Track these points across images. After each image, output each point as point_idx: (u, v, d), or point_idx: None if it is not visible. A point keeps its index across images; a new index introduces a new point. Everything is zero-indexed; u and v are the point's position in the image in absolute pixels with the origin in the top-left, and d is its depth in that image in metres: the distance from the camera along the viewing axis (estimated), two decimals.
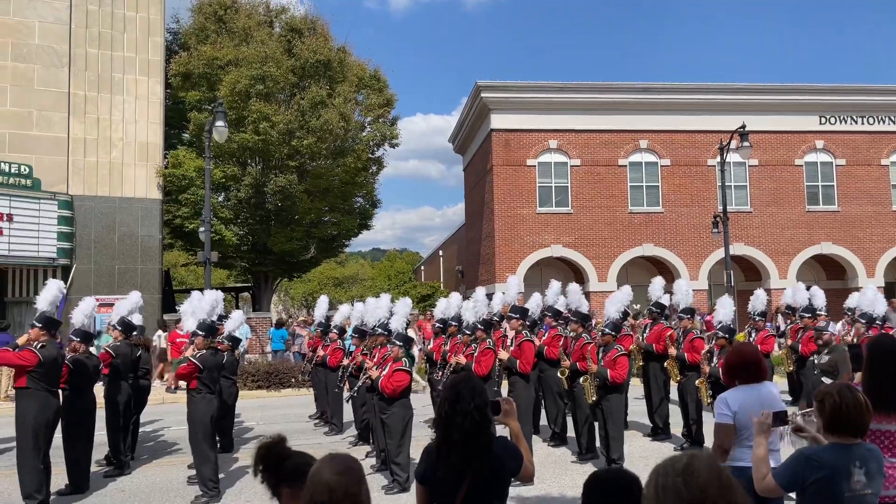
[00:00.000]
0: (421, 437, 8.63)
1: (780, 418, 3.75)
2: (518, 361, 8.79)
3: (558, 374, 9.47)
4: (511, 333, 9.42)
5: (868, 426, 3.30)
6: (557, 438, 10.17)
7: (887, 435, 4.08)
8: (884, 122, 25.62)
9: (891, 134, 25.57)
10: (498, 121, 24.93)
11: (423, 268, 53.20)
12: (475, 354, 9.12)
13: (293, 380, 16.64)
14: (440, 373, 10.23)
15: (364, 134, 25.89)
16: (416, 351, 19.07)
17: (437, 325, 11.49)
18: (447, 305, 11.40)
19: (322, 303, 13.00)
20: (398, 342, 7.79)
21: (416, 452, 7.50)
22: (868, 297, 10.85)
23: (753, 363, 4.41)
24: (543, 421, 10.79)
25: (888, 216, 25.35)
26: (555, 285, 11.52)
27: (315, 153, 22.98)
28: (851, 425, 3.25)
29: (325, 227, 25.82)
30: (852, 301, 12.34)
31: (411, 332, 20.08)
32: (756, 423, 3.68)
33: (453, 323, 10.90)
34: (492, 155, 25.00)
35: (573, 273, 25.84)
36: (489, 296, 11.01)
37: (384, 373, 7.76)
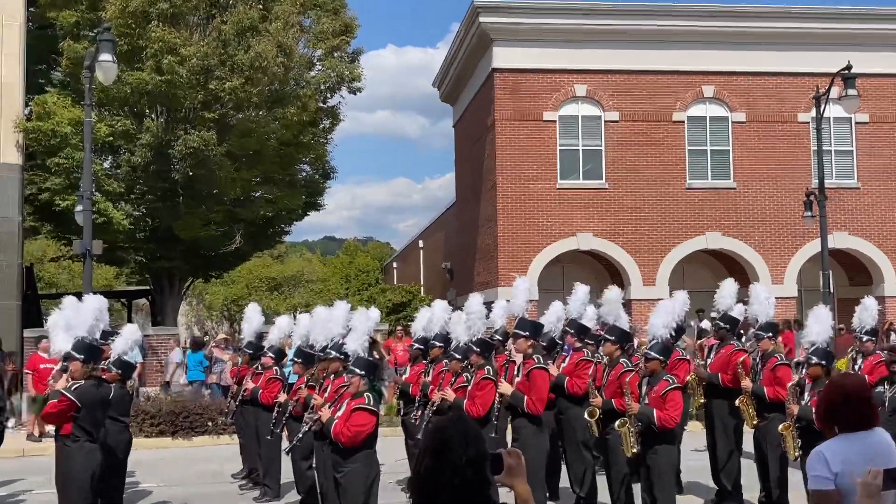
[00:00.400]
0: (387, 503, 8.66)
1: (893, 477, 3.79)
2: (526, 398, 8.83)
3: (585, 416, 9.54)
4: (518, 358, 9.46)
5: None
6: None
7: None
8: None
9: None
10: (502, 57, 24.96)
11: (395, 265, 53.33)
12: (468, 388, 9.17)
13: (210, 423, 16.60)
14: (419, 413, 10.24)
15: (313, 74, 25.83)
16: (385, 384, 19.19)
17: (416, 346, 11.52)
18: (429, 319, 11.41)
19: (252, 314, 12.98)
20: (358, 370, 7.82)
21: None
22: None
23: (860, 402, 4.43)
24: (564, 481, 10.86)
25: None
26: (581, 290, 11.57)
27: (242, 101, 22.92)
28: None
29: (257, 206, 25.79)
30: None
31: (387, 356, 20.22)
32: (861, 484, 3.71)
33: (437, 343, 10.94)
34: (494, 105, 25.04)
35: (608, 274, 25.96)
36: (488, 305, 11.04)
37: (339, 413, 7.78)
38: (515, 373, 9.31)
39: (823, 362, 8.42)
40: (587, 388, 9.84)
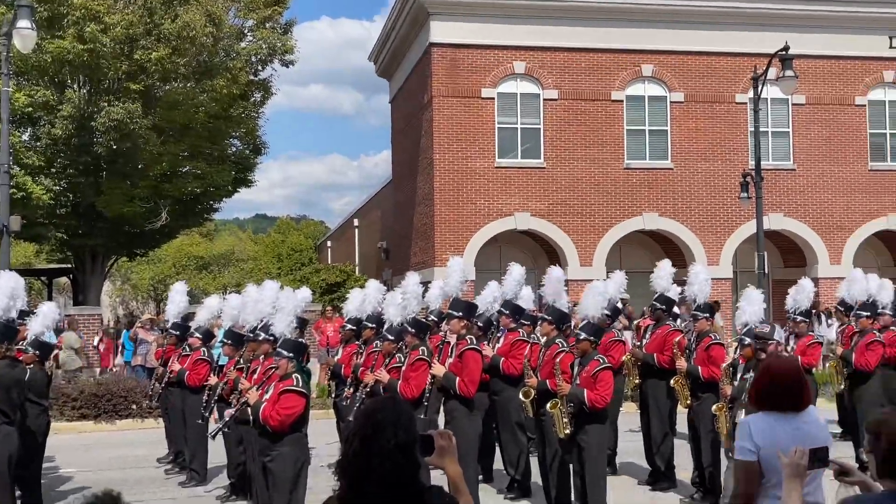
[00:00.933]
0: (321, 489, 8.62)
1: (820, 458, 3.90)
2: (458, 379, 8.88)
3: (520, 397, 9.62)
4: (452, 339, 9.50)
5: None
6: (517, 488, 10.36)
7: None
8: None
9: None
10: (441, 31, 24.90)
11: (330, 244, 53.06)
12: (402, 369, 9.18)
13: (134, 406, 16.44)
14: (349, 393, 10.25)
15: (243, 45, 25.49)
16: (317, 364, 19.12)
17: (348, 327, 11.51)
18: (362, 299, 11.41)
19: (177, 294, 12.82)
20: (286, 352, 7.77)
21: None
22: None
23: (790, 384, 4.56)
24: (498, 463, 10.96)
25: None
26: (516, 271, 11.66)
27: (169, 72, 22.53)
28: None
29: (184, 181, 25.42)
30: None
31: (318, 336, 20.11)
32: (787, 464, 3.82)
33: (370, 325, 10.94)
34: (431, 81, 24.98)
35: (545, 254, 26.19)
36: (425, 285, 11.06)
37: (267, 396, 7.73)
38: (449, 354, 9.35)
39: (757, 344, 8.61)
40: (522, 369, 9.93)
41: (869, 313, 12.26)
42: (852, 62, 26.27)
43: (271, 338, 8.82)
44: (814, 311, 14.02)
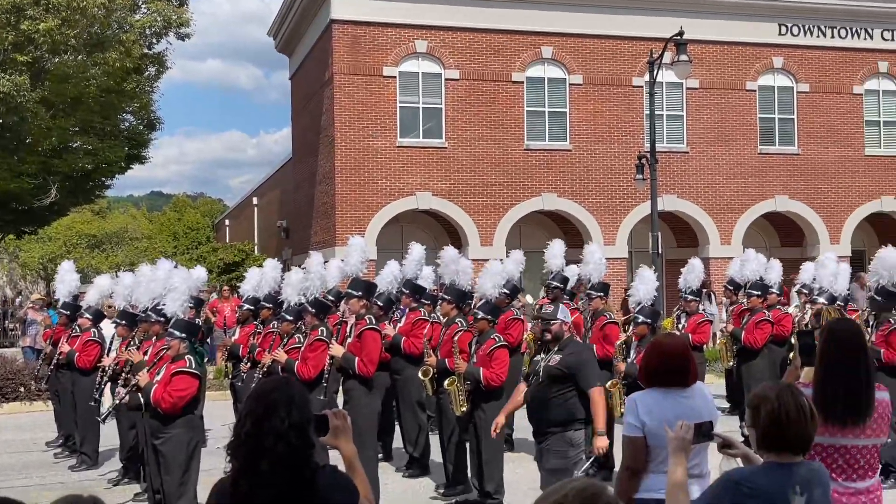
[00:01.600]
0: (217, 471, 8.52)
1: (704, 432, 4.02)
2: (357, 359, 8.86)
3: (419, 376, 9.67)
4: (351, 319, 9.46)
5: (812, 440, 3.62)
6: (416, 466, 10.42)
7: (841, 451, 4.50)
8: (858, 35, 27.81)
9: (866, 52, 27.83)
10: (342, 7, 24.62)
11: (228, 223, 52.19)
12: (301, 349, 9.12)
13: (22, 388, 16.07)
14: (247, 375, 10.13)
15: (137, 18, 24.75)
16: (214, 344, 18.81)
17: (245, 307, 11.36)
18: (260, 279, 11.27)
19: (66, 273, 12.42)
20: (178, 332, 7.63)
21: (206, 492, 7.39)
22: (828, 269, 11.83)
23: (676, 362, 4.71)
24: (398, 442, 11.00)
25: (859, 163, 27.73)
26: (416, 250, 11.69)
27: (58, 44, 21.74)
28: (792, 439, 3.54)
29: (75, 157, 24.67)
30: (807, 274, 13.40)
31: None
32: (672, 438, 3.92)
33: (267, 305, 10.82)
34: (332, 59, 24.71)
35: (447, 234, 26.29)
36: (325, 265, 10.98)
37: (158, 378, 7.58)
38: (348, 333, 9.32)
39: (649, 321, 8.84)
40: (423, 349, 9.96)
41: (759, 292, 12.71)
42: (743, 48, 27.05)
43: (162, 318, 8.64)
44: (704, 290, 14.44)
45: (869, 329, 10.14)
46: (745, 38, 26.91)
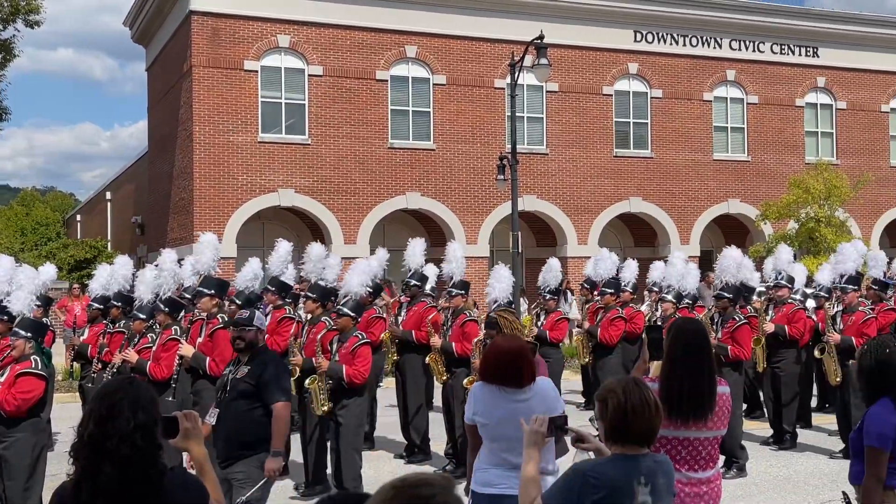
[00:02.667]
0: (63, 475, 8.20)
1: (558, 426, 4.13)
2: (209, 359, 8.70)
3: None
4: (203, 317, 9.28)
5: (657, 432, 3.77)
6: None
7: (684, 444, 4.71)
8: (708, 44, 29.09)
9: (715, 61, 29.14)
10: None
11: (80, 218, 50.29)
12: (153, 349, 8.89)
13: None
14: (98, 368, 9.81)
15: None
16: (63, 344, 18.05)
17: (94, 305, 10.98)
18: (110, 277, 10.92)
19: None
20: (23, 332, 7.32)
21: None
22: (677, 268, 12.34)
23: (511, 365, 4.87)
24: None
25: (708, 166, 29.01)
26: (282, 247, 11.57)
27: None
28: (637, 432, 3.69)
29: None
30: (656, 273, 13.94)
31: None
32: (527, 432, 4.02)
33: (116, 303, 10.49)
34: (191, 51, 24.10)
35: (310, 231, 26.06)
36: (179, 262, 10.71)
37: (2, 379, 7.25)
38: (199, 333, 9.14)
39: None
40: (287, 347, 9.86)
41: (613, 290, 13.13)
42: (600, 54, 27.86)
43: (5, 317, 8.25)
44: (561, 288, 14.83)
45: (715, 326, 10.65)
46: (602, 44, 27.74)
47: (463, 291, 10.71)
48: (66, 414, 12.49)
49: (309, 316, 9.89)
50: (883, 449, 4.66)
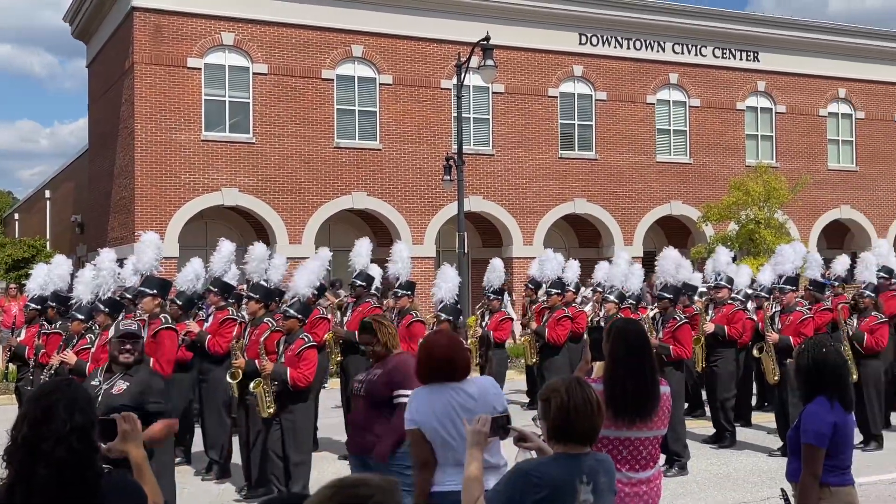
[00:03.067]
0: None
1: (500, 425, 4.14)
2: (152, 360, 8.57)
3: (227, 378, 9.44)
4: (146, 318, 9.14)
5: (598, 431, 3.80)
6: (218, 470, 10.18)
7: (626, 444, 4.76)
8: (651, 47, 29.44)
9: (659, 64, 29.50)
10: None
11: (17, 217, 49.28)
12: (92, 350, 8.73)
13: None
14: (32, 375, 9.62)
15: None
16: None
17: (31, 306, 10.76)
18: (47, 276, 10.71)
19: None
20: None
21: None
22: (620, 269, 12.47)
23: (444, 359, 4.87)
24: (199, 445, 10.71)
25: (651, 168, 29.36)
26: (225, 247, 11.45)
27: None
28: (579, 431, 3.71)
29: None
30: (600, 273, 14.07)
31: None
32: (469, 431, 4.02)
33: (52, 304, 10.29)
34: (133, 47, 23.73)
35: (254, 231, 25.83)
36: (121, 262, 10.54)
37: None
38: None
39: (451, 319, 9.01)
40: (230, 349, 9.75)
41: (559, 291, 13.23)
42: (546, 56, 28.04)
43: None
44: (506, 289, 14.89)
45: (656, 326, 10.78)
46: (547, 46, 27.91)
47: (409, 292, 10.70)
48: (2, 416, 12.23)
49: (251, 317, 9.79)
50: (819, 447, 4.75)
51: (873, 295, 12.00)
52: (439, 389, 4.82)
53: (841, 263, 13.95)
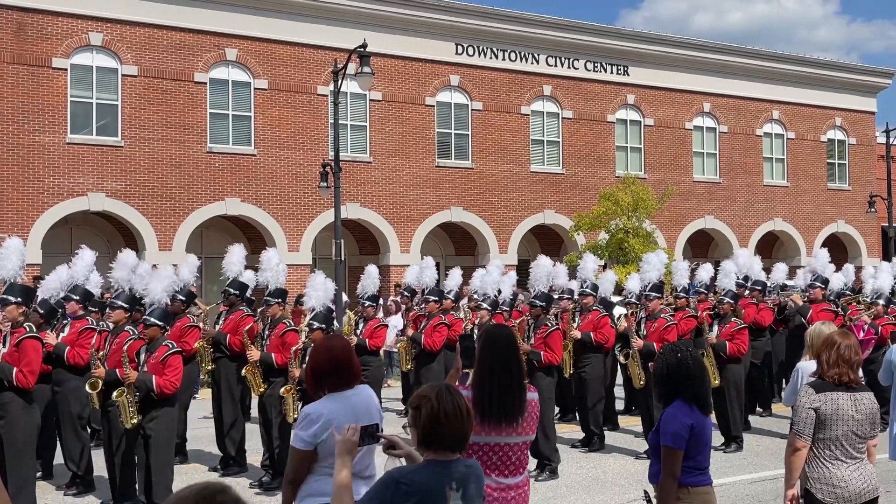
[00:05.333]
0: None
1: (370, 433, 4.13)
2: (15, 370, 8.22)
3: (87, 388, 9.11)
4: (6, 327, 8.73)
5: (468, 438, 3.83)
6: (80, 484, 9.84)
7: (495, 449, 4.82)
8: (526, 59, 29.98)
9: (533, 76, 30.07)
10: None
11: None
12: None
13: None
14: None
15: None
16: None
17: None
18: None
19: None
20: None
21: None
22: (493, 276, 12.62)
23: (344, 363, 4.80)
24: (59, 458, 10.30)
25: (526, 178, 29.86)
26: (87, 255, 11.05)
27: None
28: (449, 438, 3.73)
29: None
30: (476, 282, 14.21)
31: None
32: (339, 441, 3.99)
33: None
34: None
35: (122, 237, 25.04)
36: None
37: None
38: (3, 342, 8.59)
39: (324, 327, 8.94)
40: (89, 359, 9.40)
41: (436, 298, 13.29)
42: (423, 65, 28.21)
43: None
44: (380, 296, 14.88)
45: (528, 332, 10.95)
46: (425, 55, 28.08)
47: (279, 300, 10.55)
48: None
49: (113, 325, 9.50)
50: (677, 448, 4.91)
51: (732, 302, 12.51)
52: (341, 397, 4.75)
53: (705, 271, 14.49)
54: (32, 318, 9.28)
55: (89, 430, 10.14)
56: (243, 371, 10.28)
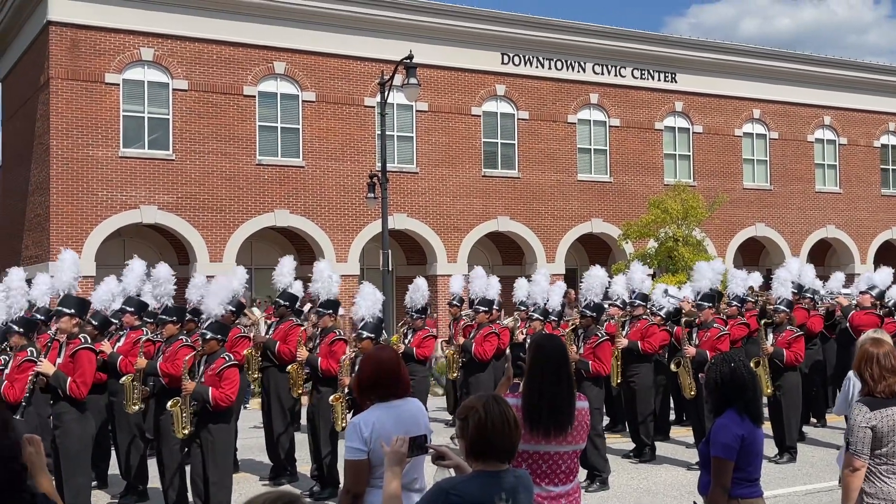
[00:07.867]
0: None
1: (419, 444, 4.14)
2: (69, 380, 8.45)
3: (168, 407, 9.22)
4: (62, 338, 8.92)
5: (516, 448, 3.83)
6: (134, 493, 9.99)
7: (544, 458, 4.80)
8: (572, 68, 29.91)
9: (579, 84, 29.98)
10: (60, 8, 23.21)
11: None
12: (6, 371, 8.51)
13: None
14: None
15: None
16: None
17: None
18: None
19: None
20: None
21: None
22: (541, 286, 12.58)
23: (392, 374, 4.82)
24: (113, 468, 10.47)
25: (573, 187, 29.75)
26: (137, 266, 11.25)
27: None
28: (497, 448, 3.74)
29: None
30: (521, 291, 14.17)
31: None
32: (387, 452, 4.01)
33: None
34: (49, 62, 23.21)
35: (174, 249, 25.42)
36: (29, 282, 10.25)
37: None
38: (59, 353, 8.77)
39: (373, 336, 9.00)
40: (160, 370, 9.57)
41: (486, 308, 13.29)
42: (469, 75, 28.26)
43: None
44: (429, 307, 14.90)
45: (578, 342, 10.91)
46: (470, 66, 28.14)
47: (330, 310, 10.64)
48: None
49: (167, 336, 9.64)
50: (728, 459, 4.86)
51: (787, 310, 12.33)
52: (389, 407, 4.73)
53: (754, 280, 14.33)
54: (87, 329, 9.47)
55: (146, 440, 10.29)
56: (288, 367, 10.42)
